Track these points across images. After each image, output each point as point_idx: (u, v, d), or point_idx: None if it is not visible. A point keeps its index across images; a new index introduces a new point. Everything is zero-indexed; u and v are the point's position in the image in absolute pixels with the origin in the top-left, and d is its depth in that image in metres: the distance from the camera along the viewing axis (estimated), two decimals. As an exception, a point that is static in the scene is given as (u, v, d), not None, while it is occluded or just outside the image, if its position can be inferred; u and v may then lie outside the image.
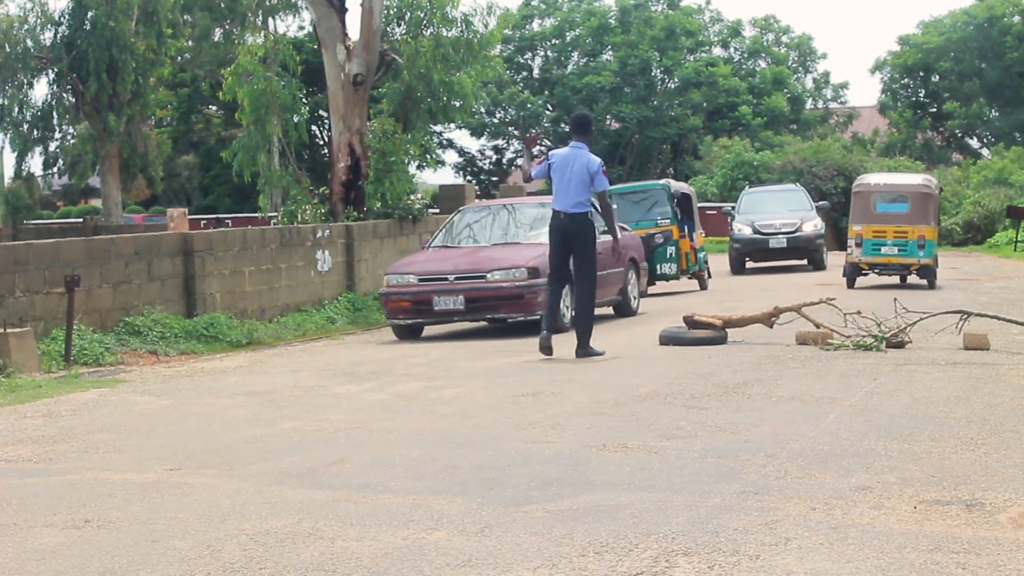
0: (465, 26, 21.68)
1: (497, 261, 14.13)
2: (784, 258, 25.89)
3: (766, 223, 25.43)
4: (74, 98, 37.39)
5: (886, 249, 19.31)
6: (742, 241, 25.67)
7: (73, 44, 35.88)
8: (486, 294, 13.82)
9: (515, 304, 13.78)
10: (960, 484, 5.80)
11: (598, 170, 11.22)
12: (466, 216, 16.00)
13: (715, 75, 51.21)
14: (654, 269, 19.68)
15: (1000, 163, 41.87)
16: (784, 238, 25.25)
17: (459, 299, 13.86)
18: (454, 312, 13.98)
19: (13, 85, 37.32)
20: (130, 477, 6.69)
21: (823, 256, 25.59)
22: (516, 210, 15.82)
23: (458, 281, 13.97)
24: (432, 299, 13.93)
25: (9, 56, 36.27)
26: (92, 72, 35.23)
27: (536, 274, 13.61)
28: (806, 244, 25.30)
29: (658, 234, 20.28)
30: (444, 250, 15.11)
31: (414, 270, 14.40)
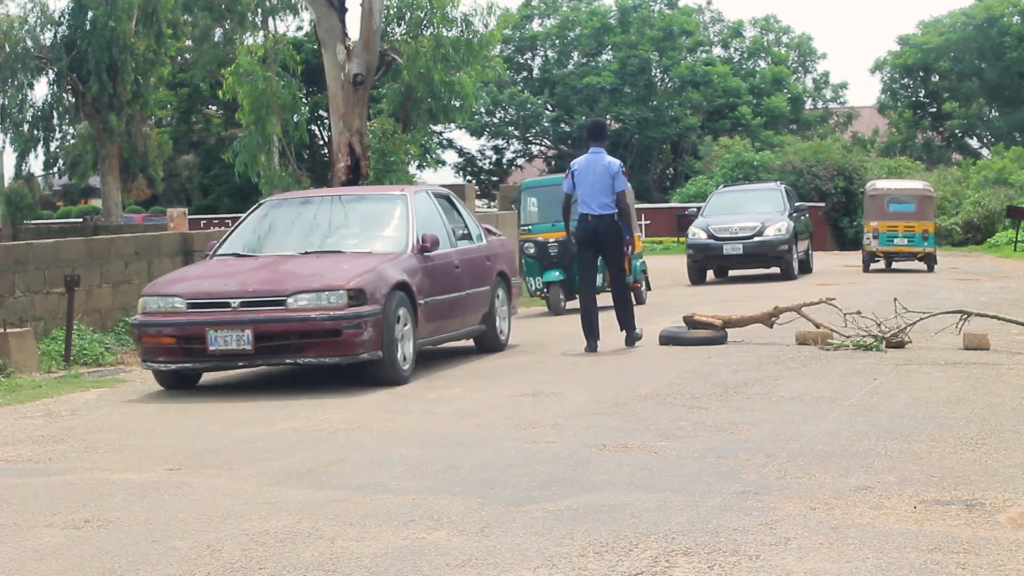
0: (465, 26, 21.68)
1: (304, 279, 9.83)
2: (743, 266, 23.06)
3: (722, 227, 22.51)
4: (74, 98, 37.40)
5: (898, 240, 24.71)
6: (695, 247, 22.65)
7: (73, 44, 35.90)
8: (285, 328, 9.57)
9: (329, 343, 9.58)
10: (960, 484, 5.80)
11: (618, 171, 11.83)
12: (273, 211, 11.65)
13: (712, 75, 51.22)
14: (574, 280, 16.17)
15: (1000, 163, 41.88)
16: (740, 244, 22.18)
17: (245, 334, 9.57)
18: (238, 354, 9.65)
19: (13, 85, 37.33)
20: (130, 477, 6.69)
21: (792, 263, 22.55)
22: (349, 204, 11.73)
23: (245, 308, 9.68)
24: (206, 334, 9.63)
25: (9, 56, 36.28)
26: (92, 72, 35.24)
27: (361, 299, 9.63)
28: (766, 250, 22.18)
29: None
30: (234, 260, 10.76)
31: (183, 290, 10.02)
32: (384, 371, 9.90)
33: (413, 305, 10.32)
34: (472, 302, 11.66)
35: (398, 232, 10.96)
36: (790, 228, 22.50)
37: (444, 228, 11.53)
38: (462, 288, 11.39)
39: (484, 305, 11.95)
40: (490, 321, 12.10)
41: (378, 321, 9.70)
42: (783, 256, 22.29)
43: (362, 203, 11.80)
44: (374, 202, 11.77)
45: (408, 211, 11.09)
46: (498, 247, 12.62)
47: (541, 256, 16.95)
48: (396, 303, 9.98)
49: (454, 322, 11.35)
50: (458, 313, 11.38)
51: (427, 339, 10.77)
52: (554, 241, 16.92)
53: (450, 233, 11.63)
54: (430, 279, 10.74)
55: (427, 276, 10.70)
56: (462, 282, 11.38)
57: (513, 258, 13.08)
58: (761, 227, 22.31)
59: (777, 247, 22.17)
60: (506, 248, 12.92)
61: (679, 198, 42.84)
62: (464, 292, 11.43)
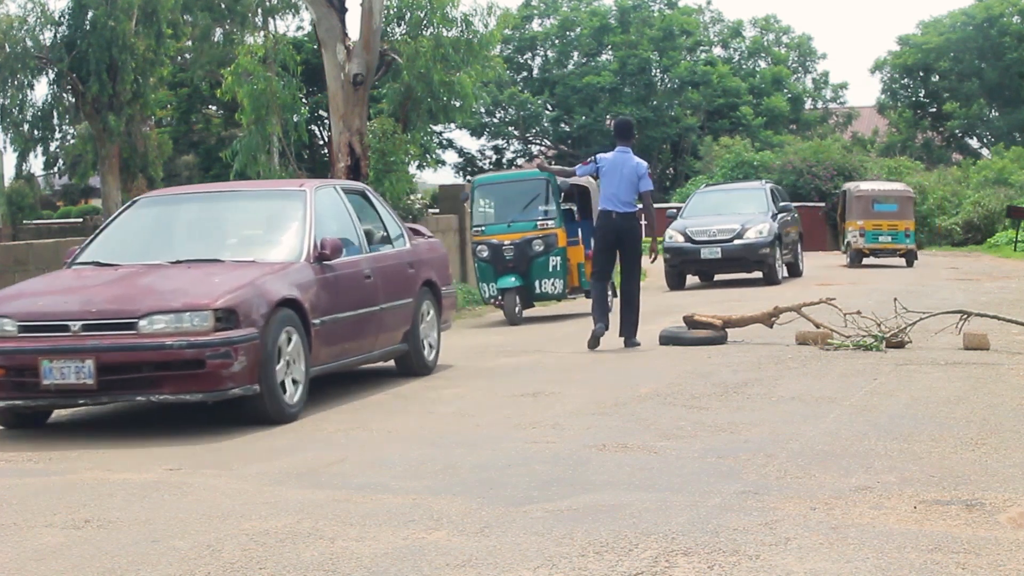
0: (465, 26, 21.69)
1: (161, 296, 8.13)
2: (722, 270, 21.82)
3: (700, 229, 21.16)
4: (74, 98, 37.40)
5: (883, 238, 26.66)
6: (672, 251, 21.27)
7: (73, 44, 35.90)
8: (135, 357, 7.86)
9: (189, 376, 7.91)
10: (960, 484, 5.80)
11: (644, 172, 12.13)
12: (147, 210, 9.94)
13: (712, 74, 51.23)
14: (532, 286, 15.73)
15: (1000, 163, 41.90)
16: (718, 247, 20.86)
17: (86, 366, 7.83)
18: (78, 390, 7.92)
19: (13, 85, 37.32)
20: (130, 477, 6.69)
21: (776, 267, 21.16)
22: (237, 203, 10.14)
23: (88, 333, 7.93)
24: (39, 365, 7.89)
25: (9, 56, 36.28)
26: (92, 72, 35.24)
27: (232, 321, 7.99)
28: (746, 254, 20.89)
29: (537, 239, 15.72)
30: (91, 271, 9.09)
31: (14, 310, 8.24)
32: (262, 408, 8.22)
33: (306, 325, 8.62)
34: (389, 318, 9.94)
35: (291, 236, 9.24)
36: (773, 230, 21.20)
37: (355, 231, 9.90)
38: (374, 302, 9.68)
39: (405, 321, 10.26)
40: (413, 339, 10.39)
41: (254, 348, 7.98)
42: (765, 260, 20.99)
43: (252, 201, 10.11)
44: (266, 200, 10.02)
45: (306, 211, 9.37)
46: (425, 251, 10.99)
47: (495, 260, 15.65)
48: (279, 324, 8.27)
49: (363, 343, 9.62)
50: (369, 332, 9.65)
51: (325, 365, 9.05)
52: (510, 243, 15.59)
53: (362, 236, 9.93)
54: (330, 293, 9.05)
55: (326, 289, 9.01)
56: (375, 295, 9.70)
57: (445, 263, 11.44)
58: (741, 229, 21.08)
59: (758, 250, 20.88)
60: (436, 252, 11.33)
61: (679, 198, 42.82)
62: (377, 307, 9.71)
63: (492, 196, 16.45)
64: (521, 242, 15.67)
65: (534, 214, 15.91)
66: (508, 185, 16.61)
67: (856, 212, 26.94)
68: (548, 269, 15.71)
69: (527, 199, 16.12)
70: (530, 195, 16.14)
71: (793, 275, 22.81)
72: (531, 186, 16.30)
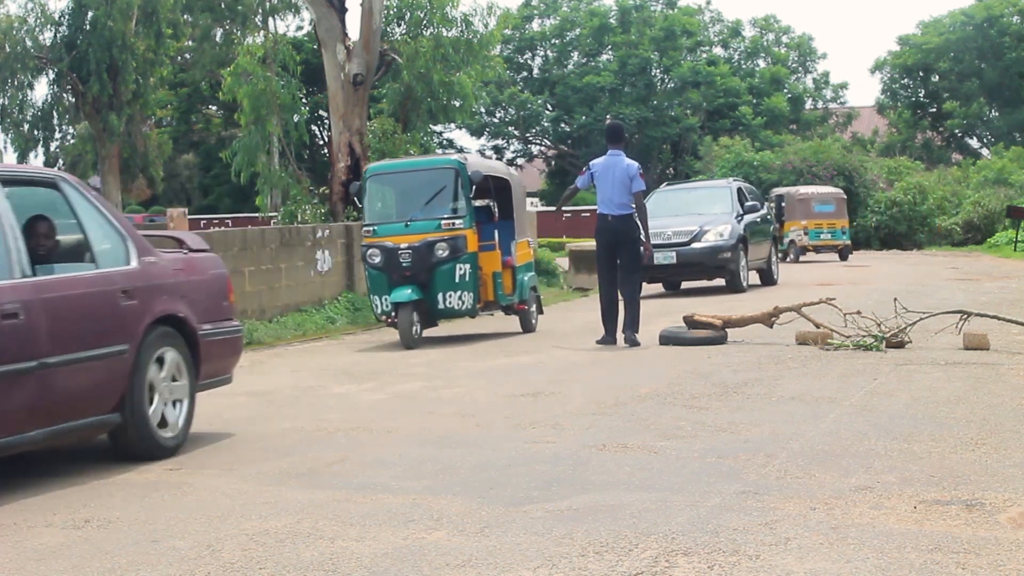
0: (465, 26, 21.71)
1: None
2: (679, 277, 19.91)
3: (653, 231, 17.67)
4: (74, 98, 37.43)
5: (823, 235, 31.07)
6: None
7: (73, 44, 35.94)
8: None
9: None
10: (960, 484, 5.80)
11: (636, 173, 12.24)
12: None
13: (713, 75, 51.26)
14: (434, 299, 13.13)
15: (1000, 163, 41.92)
16: (673, 252, 18.90)
17: None
18: None
19: (13, 85, 37.35)
20: (130, 477, 6.69)
21: (740, 273, 19.20)
22: None
23: None
24: None
25: (9, 56, 36.31)
26: (92, 72, 35.28)
27: None
28: (704, 259, 18.94)
29: (441, 243, 13.08)
30: None
31: None
32: None
33: None
34: (70, 379, 6.56)
35: None
36: (736, 232, 19.20)
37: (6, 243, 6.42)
38: (28, 355, 6.25)
39: (114, 382, 6.89)
40: (132, 408, 6.99)
41: None
42: (726, 265, 19.02)
43: None
44: None
45: None
46: (170, 272, 7.53)
47: (389, 267, 13.14)
48: None
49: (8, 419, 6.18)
50: (18, 403, 6.23)
51: None
52: (407, 247, 13.07)
53: (20, 252, 6.46)
54: None
55: None
56: (29, 344, 6.26)
57: (216, 290, 7.98)
58: (699, 231, 19.16)
59: (718, 255, 18.91)
60: (197, 273, 7.83)
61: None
62: (32, 362, 6.27)
63: (388, 189, 13.88)
64: (421, 246, 13.08)
65: (439, 212, 13.35)
66: (408, 176, 13.79)
67: (798, 214, 31.05)
68: (454, 279, 13.12)
69: (430, 193, 13.48)
70: (434, 188, 13.49)
71: (766, 283, 20.93)
72: (436, 177, 13.58)
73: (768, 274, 21.01)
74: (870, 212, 37.82)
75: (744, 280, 19.37)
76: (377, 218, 13.63)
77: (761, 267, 20.79)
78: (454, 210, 13.32)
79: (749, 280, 19.81)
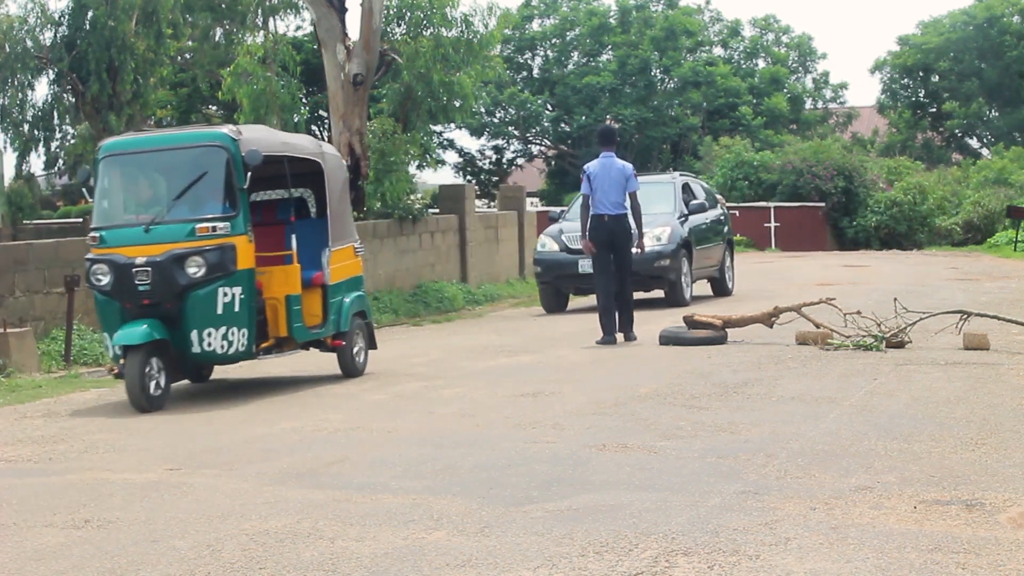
0: (465, 26, 21.69)
1: None
2: None
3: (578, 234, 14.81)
4: (74, 98, 37.41)
5: None
6: (543, 263, 17.05)
7: (73, 44, 35.91)
8: None
9: None
10: (960, 484, 5.80)
11: (631, 174, 12.68)
12: None
13: (713, 75, 51.28)
14: (185, 339, 9.25)
15: (1000, 163, 41.91)
16: None
17: None
18: None
19: (13, 85, 37.34)
20: (130, 477, 6.69)
21: (680, 282, 16.74)
22: None
23: None
24: None
25: (9, 56, 36.28)
26: (92, 72, 35.25)
27: None
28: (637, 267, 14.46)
29: (194, 256, 9.24)
30: None
31: None
32: None
33: None
34: None
35: None
36: (677, 235, 16.75)
37: None
38: None
39: None
40: None
41: None
42: (664, 275, 16.51)
43: None
44: None
45: None
46: None
47: (121, 291, 9.30)
48: None
49: None
50: None
51: None
52: (145, 263, 9.21)
53: None
54: None
55: None
56: None
57: None
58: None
59: (653, 262, 16.19)
60: None
61: (678, 198, 42.76)
62: None
63: (127, 175, 10.00)
64: (165, 261, 9.18)
65: (194, 210, 9.49)
66: (154, 157, 9.93)
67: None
68: (215, 310, 9.27)
69: (184, 183, 9.67)
70: (189, 175, 9.62)
71: (718, 293, 18.62)
72: (192, 159, 9.69)
73: (720, 283, 18.68)
74: (870, 212, 37.81)
75: (687, 291, 16.94)
76: (105, 220, 9.65)
77: (712, 275, 18.45)
78: (218, 208, 9.44)
79: (694, 291, 17.56)
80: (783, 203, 38.61)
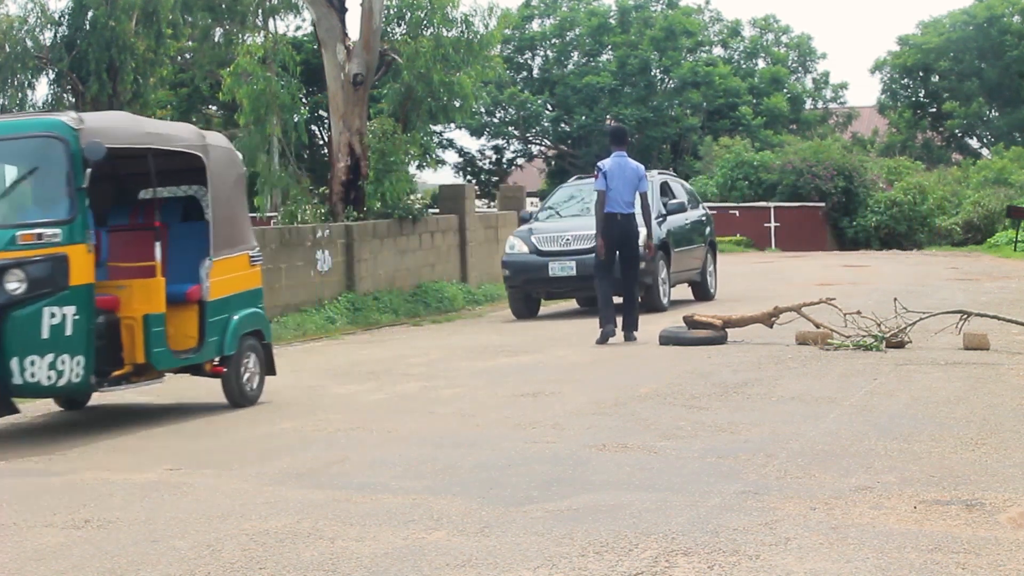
0: (465, 26, 21.69)
1: None
2: (582, 292, 16.17)
3: (550, 235, 15.91)
4: (74, 98, 37.42)
5: None
6: (512, 266, 16.09)
7: (73, 44, 35.93)
8: None
9: None
10: (960, 484, 5.80)
11: (643, 174, 12.92)
12: None
13: (713, 75, 51.29)
14: (5, 369, 7.68)
15: (1000, 163, 41.92)
16: (572, 261, 15.47)
17: None
18: None
19: (13, 85, 37.35)
20: (130, 477, 6.69)
21: (658, 288, 15.67)
22: None
23: None
24: None
25: (9, 56, 36.30)
26: (92, 72, 35.27)
27: None
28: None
29: (14, 269, 7.73)
30: None
31: None
32: None
33: None
34: None
35: None
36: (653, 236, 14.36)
37: None
38: None
39: None
40: None
41: None
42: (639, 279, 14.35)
43: None
44: None
45: None
46: None
47: None
48: None
49: None
50: None
51: None
52: None
53: None
54: None
55: None
56: None
57: None
58: None
59: None
60: None
61: (679, 198, 42.76)
62: None
63: None
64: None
65: (17, 214, 8.08)
66: None
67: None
68: (39, 333, 7.75)
69: (7, 180, 8.37)
70: (15, 171, 8.32)
71: (700, 298, 17.73)
72: (23, 151, 8.24)
73: (702, 287, 17.77)
74: (870, 212, 37.82)
75: (663, 296, 15.88)
76: None
77: (693, 279, 17.58)
78: (50, 211, 7.97)
79: (672, 295, 16.47)
80: (783, 203, 38.61)
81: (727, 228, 37.75)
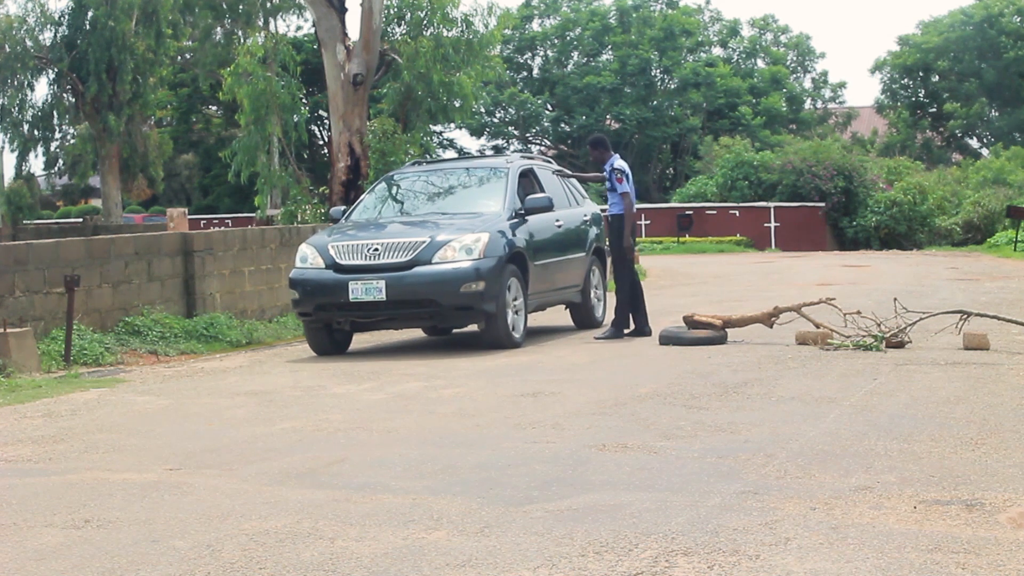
0: (465, 26, 21.71)
1: None
2: (394, 323, 12.47)
3: (351, 245, 12.01)
4: (74, 98, 37.44)
5: None
6: (302, 285, 12.16)
7: (73, 44, 35.96)
8: None
9: None
10: (960, 484, 5.80)
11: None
12: None
13: (713, 75, 51.31)
14: None
15: (999, 163, 41.94)
16: (382, 280, 11.73)
17: None
18: None
19: (13, 85, 37.36)
20: (130, 477, 6.69)
21: (503, 317, 11.97)
22: None
23: None
24: None
25: (9, 56, 36.32)
26: (92, 72, 35.29)
27: None
28: (433, 293, 11.75)
29: None
30: None
31: None
32: None
33: None
34: None
35: None
36: (499, 245, 12.01)
37: None
38: None
39: None
40: None
41: None
42: (474, 304, 11.81)
43: None
44: None
45: None
46: None
47: None
48: None
49: None
50: None
51: None
52: None
53: None
54: None
55: None
56: None
57: None
58: (430, 244, 11.85)
59: (459, 285, 11.72)
60: None
61: (679, 198, 42.85)
62: None
63: None
64: None
65: None
66: None
67: None
68: None
69: None
70: None
71: (582, 324, 13.89)
72: None
73: (583, 310, 13.89)
74: (870, 212, 37.83)
75: (512, 327, 12.16)
76: None
77: (571, 299, 13.76)
78: None
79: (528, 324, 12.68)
80: (783, 203, 38.63)
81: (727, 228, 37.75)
